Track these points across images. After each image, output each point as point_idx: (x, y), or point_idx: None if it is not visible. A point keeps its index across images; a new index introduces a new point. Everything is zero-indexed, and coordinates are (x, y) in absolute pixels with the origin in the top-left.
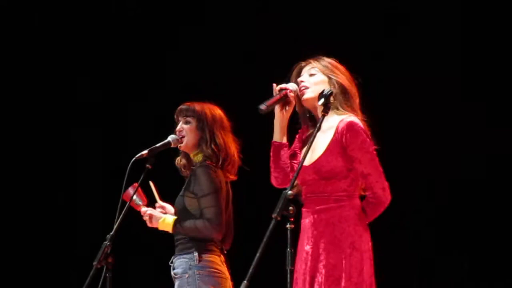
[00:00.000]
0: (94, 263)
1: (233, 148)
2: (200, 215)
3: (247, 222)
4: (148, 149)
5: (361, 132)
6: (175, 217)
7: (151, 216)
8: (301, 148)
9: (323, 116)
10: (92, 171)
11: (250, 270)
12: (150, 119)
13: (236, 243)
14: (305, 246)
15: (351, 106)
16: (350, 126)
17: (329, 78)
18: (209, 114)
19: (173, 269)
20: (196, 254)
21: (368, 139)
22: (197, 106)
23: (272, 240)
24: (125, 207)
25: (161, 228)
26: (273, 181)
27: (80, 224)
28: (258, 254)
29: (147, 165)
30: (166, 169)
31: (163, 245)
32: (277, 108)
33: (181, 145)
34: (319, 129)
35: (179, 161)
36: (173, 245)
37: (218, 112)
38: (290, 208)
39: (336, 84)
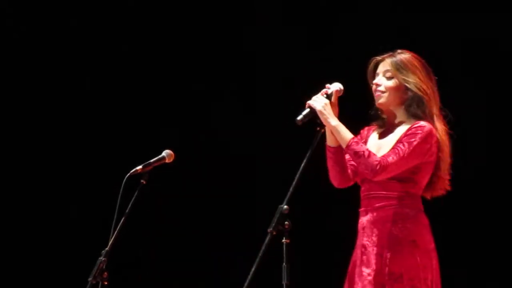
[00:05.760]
0: (89, 279)
1: None
2: None
3: (243, 236)
4: (142, 165)
5: (424, 130)
6: None
7: None
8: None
9: (319, 132)
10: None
11: (245, 285)
12: None
13: (232, 258)
14: (364, 242)
15: (428, 113)
16: (416, 125)
17: (405, 84)
18: None
19: None
20: None
21: (424, 136)
22: None
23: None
24: (120, 223)
25: None
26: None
27: (75, 240)
28: (253, 269)
29: (142, 181)
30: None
31: (158, 260)
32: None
33: None
34: (313, 145)
35: None
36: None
37: None
38: (286, 223)
39: (412, 90)
